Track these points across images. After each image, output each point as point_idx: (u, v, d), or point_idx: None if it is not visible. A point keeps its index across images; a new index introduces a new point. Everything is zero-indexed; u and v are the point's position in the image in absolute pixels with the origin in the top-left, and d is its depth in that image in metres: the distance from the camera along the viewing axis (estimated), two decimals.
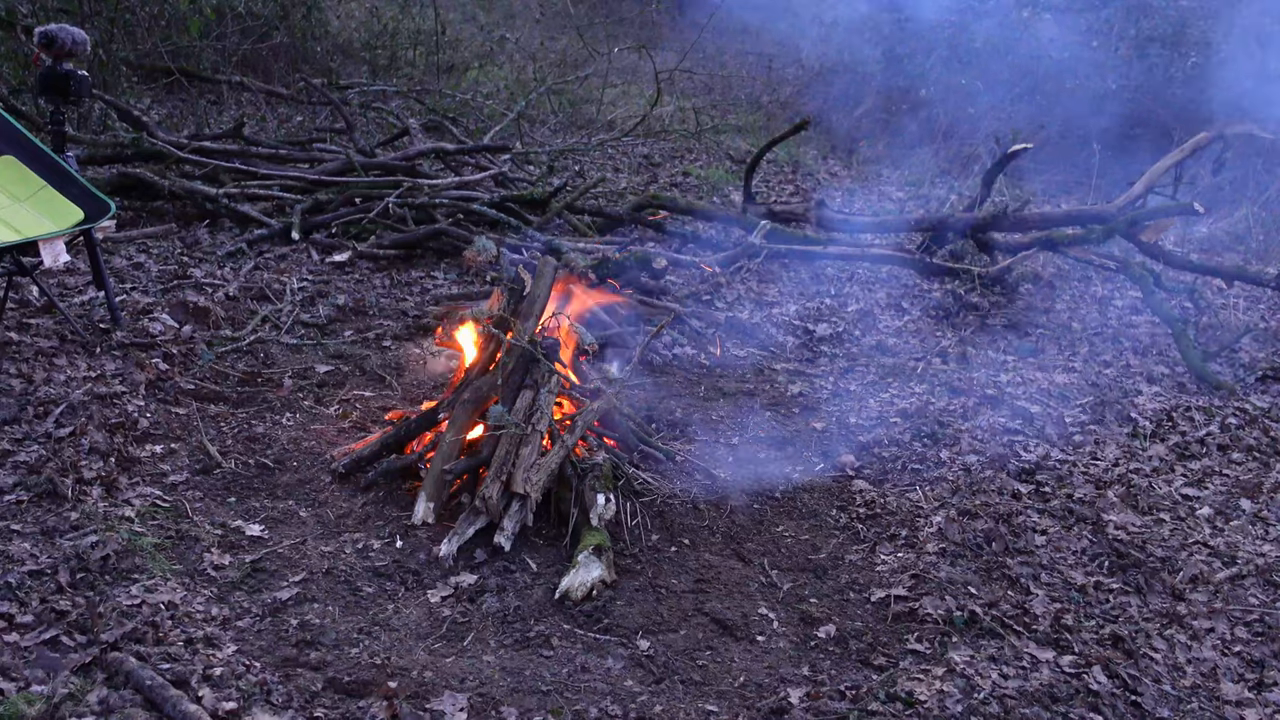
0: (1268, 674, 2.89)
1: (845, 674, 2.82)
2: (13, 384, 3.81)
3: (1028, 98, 9.63)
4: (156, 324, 4.55)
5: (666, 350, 5.06)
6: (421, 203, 6.37)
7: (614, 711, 2.60)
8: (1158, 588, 3.27)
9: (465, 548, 3.23)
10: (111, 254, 5.42)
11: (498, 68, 11.34)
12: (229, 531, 3.23)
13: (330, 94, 8.61)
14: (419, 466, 3.61)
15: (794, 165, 9.41)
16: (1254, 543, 3.55)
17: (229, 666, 2.56)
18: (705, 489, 3.74)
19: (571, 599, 3.02)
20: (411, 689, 2.60)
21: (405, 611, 2.94)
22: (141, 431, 3.69)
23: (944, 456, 4.06)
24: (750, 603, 3.13)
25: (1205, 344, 5.42)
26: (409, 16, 11.04)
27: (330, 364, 4.52)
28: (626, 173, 8.68)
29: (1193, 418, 4.54)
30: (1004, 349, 5.39)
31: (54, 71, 4.55)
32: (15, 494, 3.15)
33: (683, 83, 11.46)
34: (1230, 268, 5.99)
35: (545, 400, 3.53)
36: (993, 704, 2.65)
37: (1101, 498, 3.77)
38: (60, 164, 4.39)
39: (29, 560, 2.83)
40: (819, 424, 4.42)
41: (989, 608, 3.08)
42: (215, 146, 6.94)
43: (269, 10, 9.66)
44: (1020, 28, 9.88)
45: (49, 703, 2.32)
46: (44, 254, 4.04)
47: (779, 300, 5.98)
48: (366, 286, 5.54)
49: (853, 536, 3.56)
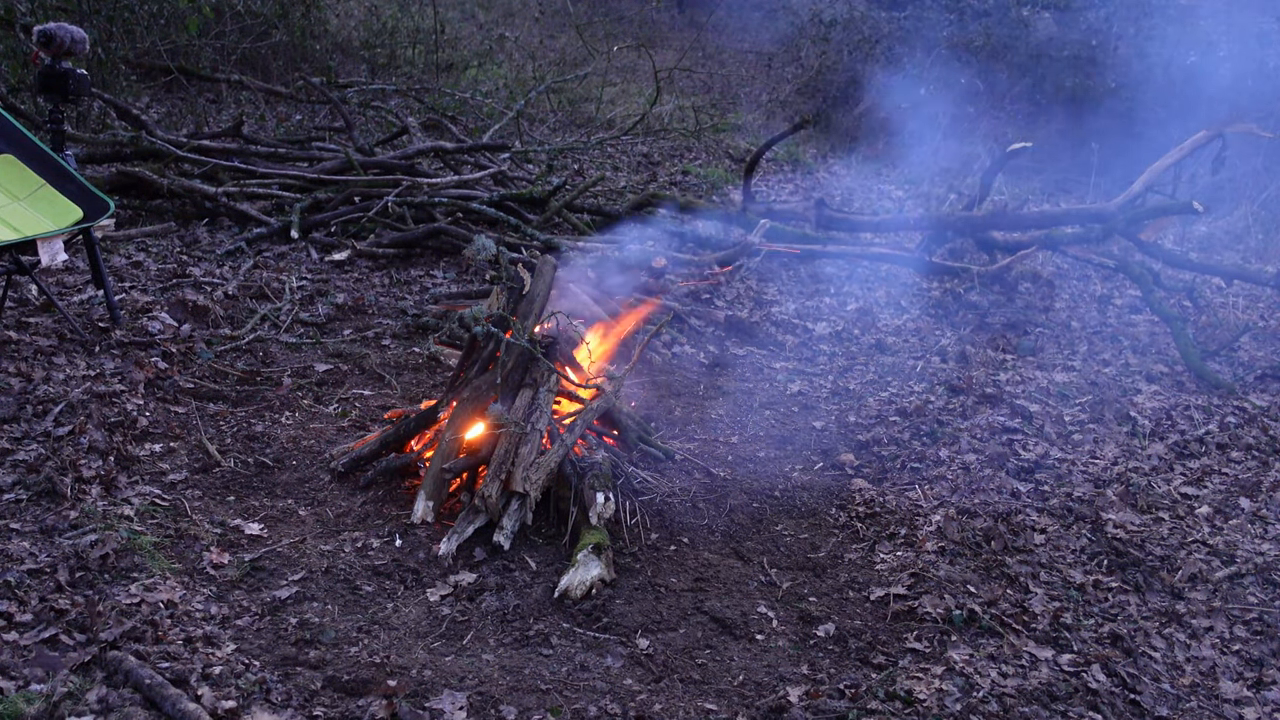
0: (1266, 672, 2.89)
1: (844, 672, 2.82)
2: (12, 383, 3.81)
3: (1027, 97, 9.63)
4: (155, 323, 4.55)
5: (666, 349, 5.06)
6: (420, 201, 6.36)
7: (613, 710, 2.60)
8: (1157, 586, 3.28)
9: (464, 546, 3.23)
10: (110, 253, 5.42)
11: (497, 66, 11.33)
12: (228, 530, 3.23)
13: (329, 92, 8.61)
14: (418, 465, 3.61)
15: (794, 164, 9.41)
16: (1253, 541, 3.55)
17: (228, 665, 2.56)
18: (704, 488, 3.74)
19: (571, 597, 3.02)
20: (411, 687, 2.60)
21: (404, 610, 2.94)
22: (140, 430, 3.68)
23: (943, 455, 4.06)
24: (749, 601, 3.13)
25: (1204, 343, 5.42)
26: (408, 15, 11.04)
27: (329, 363, 4.52)
28: (626, 171, 8.68)
29: (1192, 416, 4.54)
30: (1003, 348, 5.39)
31: (53, 70, 4.55)
32: (14, 493, 3.15)
33: (682, 81, 11.47)
34: (1229, 266, 6.00)
35: (544, 399, 3.53)
36: (992, 702, 2.65)
37: (1100, 496, 3.78)
38: (59, 162, 4.38)
39: (28, 559, 2.83)
40: (818, 423, 4.42)
41: (988, 606, 3.09)
42: (214, 145, 6.94)
43: (268, 9, 9.66)
44: (1020, 26, 9.88)
45: (48, 701, 2.32)
46: (42, 253, 4.04)
47: (778, 299, 5.97)
48: (365, 285, 5.54)
49: (852, 535, 3.56)
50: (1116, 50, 9.46)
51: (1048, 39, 9.89)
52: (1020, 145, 6.22)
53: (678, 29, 14.13)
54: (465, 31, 12.14)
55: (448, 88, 10.00)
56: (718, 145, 9.66)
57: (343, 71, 10.05)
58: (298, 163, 7.04)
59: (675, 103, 10.72)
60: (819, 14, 11.91)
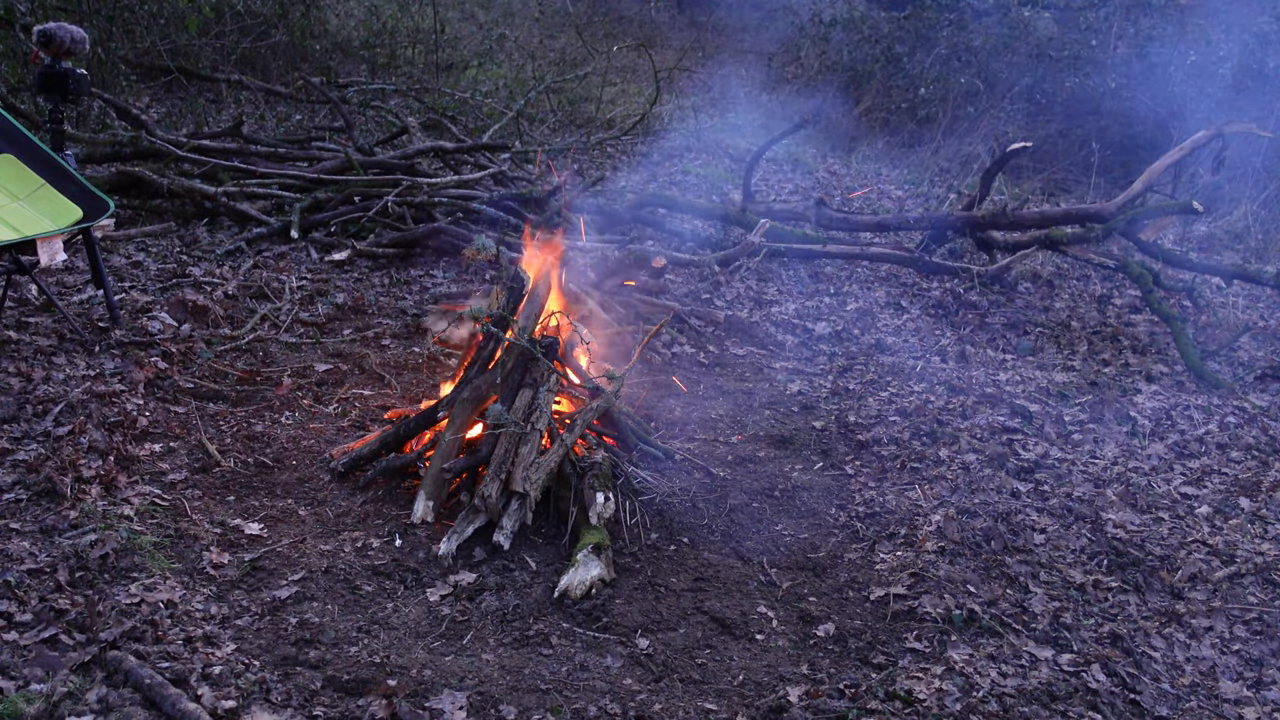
0: (1266, 672, 2.89)
1: (844, 672, 2.82)
2: (11, 382, 3.81)
3: (1027, 96, 9.63)
4: (155, 322, 4.55)
5: (666, 349, 5.06)
6: (420, 201, 6.36)
7: (613, 710, 2.60)
8: (1156, 586, 3.28)
9: (464, 546, 3.23)
10: (110, 252, 5.42)
11: (497, 66, 11.33)
12: (228, 530, 3.23)
13: (329, 92, 8.61)
14: (418, 465, 3.61)
15: (793, 164, 9.41)
16: (1253, 541, 3.55)
17: (228, 665, 2.56)
18: (704, 488, 3.74)
19: (570, 597, 3.02)
20: (410, 687, 2.60)
21: (404, 610, 2.94)
22: (140, 430, 3.68)
23: (943, 455, 4.06)
24: (749, 601, 3.13)
25: (1204, 343, 5.42)
26: (408, 14, 11.04)
27: (329, 362, 4.52)
28: (626, 171, 8.68)
29: (1192, 416, 4.54)
30: (1003, 347, 5.39)
31: (53, 69, 4.55)
32: (14, 492, 3.15)
33: (682, 81, 11.47)
34: (1229, 266, 6.00)
35: (544, 399, 3.52)
36: (991, 702, 2.65)
37: (1100, 496, 3.78)
38: (59, 162, 4.38)
39: (28, 559, 2.83)
40: (818, 422, 4.42)
41: (988, 606, 3.09)
42: (214, 145, 6.94)
43: (268, 8, 9.66)
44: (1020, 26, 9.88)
45: (48, 701, 2.32)
46: (41, 253, 4.04)
47: (778, 299, 5.97)
48: (365, 285, 5.54)
49: (852, 535, 3.56)
50: (1116, 50, 9.45)
51: (1048, 39, 9.89)
52: (1020, 145, 6.22)
53: (678, 29, 14.13)
54: (465, 31, 12.13)
55: (448, 88, 9.99)
56: (717, 145, 9.65)
57: (342, 71, 10.05)
58: (297, 162, 7.04)
59: (675, 102, 10.72)
60: (819, 14, 11.91)
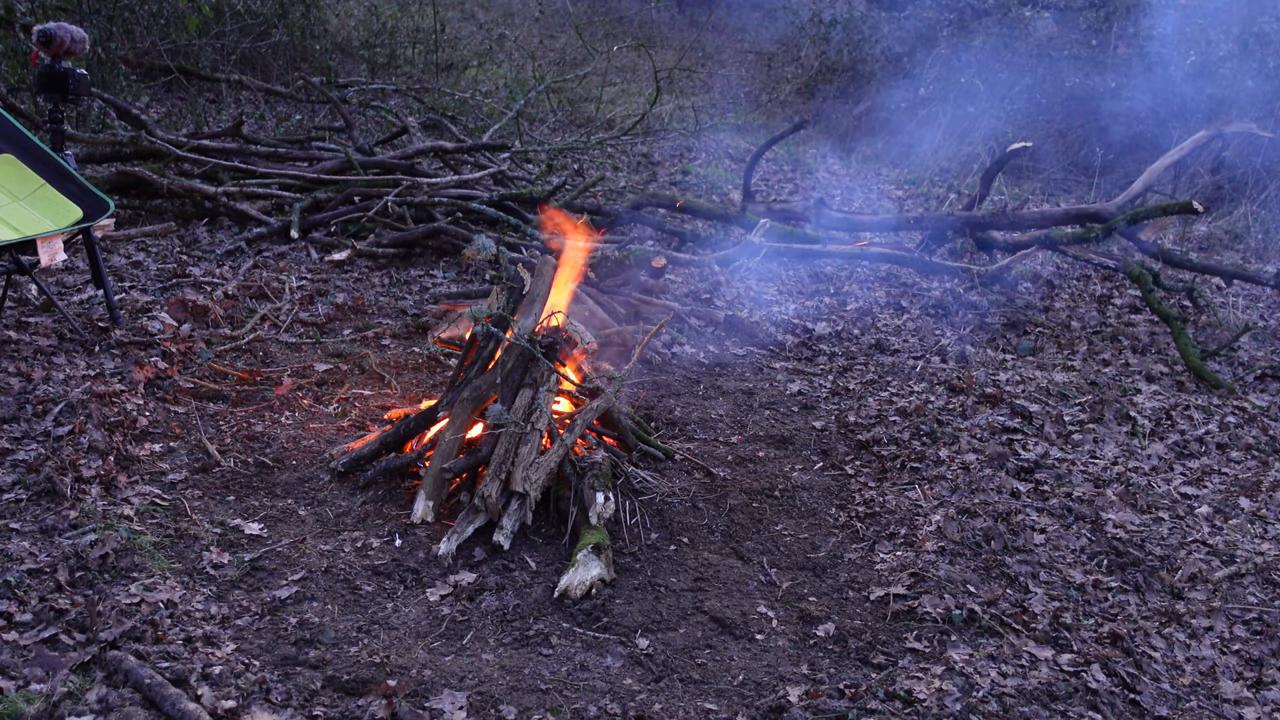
0: (1266, 672, 2.89)
1: (844, 672, 2.82)
2: (11, 382, 3.81)
3: (1027, 96, 9.63)
4: (155, 322, 4.55)
5: (666, 349, 5.06)
6: (420, 201, 6.36)
7: (613, 710, 2.60)
8: (1156, 586, 3.28)
9: (464, 546, 3.23)
10: (110, 252, 5.42)
11: (496, 66, 11.33)
12: (228, 530, 3.23)
13: (329, 92, 8.61)
14: (418, 465, 3.61)
15: (793, 164, 9.41)
16: (1253, 541, 3.55)
17: (228, 665, 2.56)
18: (704, 488, 3.74)
19: (570, 597, 3.02)
20: (410, 687, 2.60)
21: (404, 610, 2.94)
22: (140, 430, 3.68)
23: (943, 455, 4.06)
24: (749, 601, 3.13)
25: (1204, 342, 5.42)
26: (408, 14, 11.04)
27: (329, 362, 4.52)
28: (625, 171, 8.68)
29: (1191, 416, 4.54)
30: (1003, 347, 5.39)
31: (53, 69, 4.55)
32: (14, 492, 3.15)
33: (682, 81, 11.47)
34: (1229, 266, 6.00)
35: (544, 399, 3.52)
36: (991, 702, 2.65)
37: (1100, 496, 3.78)
38: (59, 162, 4.38)
39: (28, 558, 2.83)
40: (818, 422, 4.42)
41: (988, 606, 3.08)
42: (214, 145, 6.94)
43: (268, 8, 9.66)
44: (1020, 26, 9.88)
45: (48, 701, 2.32)
46: (41, 252, 4.04)
47: (778, 299, 5.98)
48: (365, 285, 5.54)
49: (852, 535, 3.56)
50: (1116, 50, 9.45)
51: (1048, 39, 9.89)
52: (1020, 145, 6.23)
53: (678, 29, 14.13)
54: (465, 31, 12.14)
55: (447, 87, 10.00)
56: (717, 145, 9.66)
57: (342, 71, 10.05)
58: (297, 162, 7.04)
59: (675, 102, 10.72)
60: (819, 14, 11.92)
